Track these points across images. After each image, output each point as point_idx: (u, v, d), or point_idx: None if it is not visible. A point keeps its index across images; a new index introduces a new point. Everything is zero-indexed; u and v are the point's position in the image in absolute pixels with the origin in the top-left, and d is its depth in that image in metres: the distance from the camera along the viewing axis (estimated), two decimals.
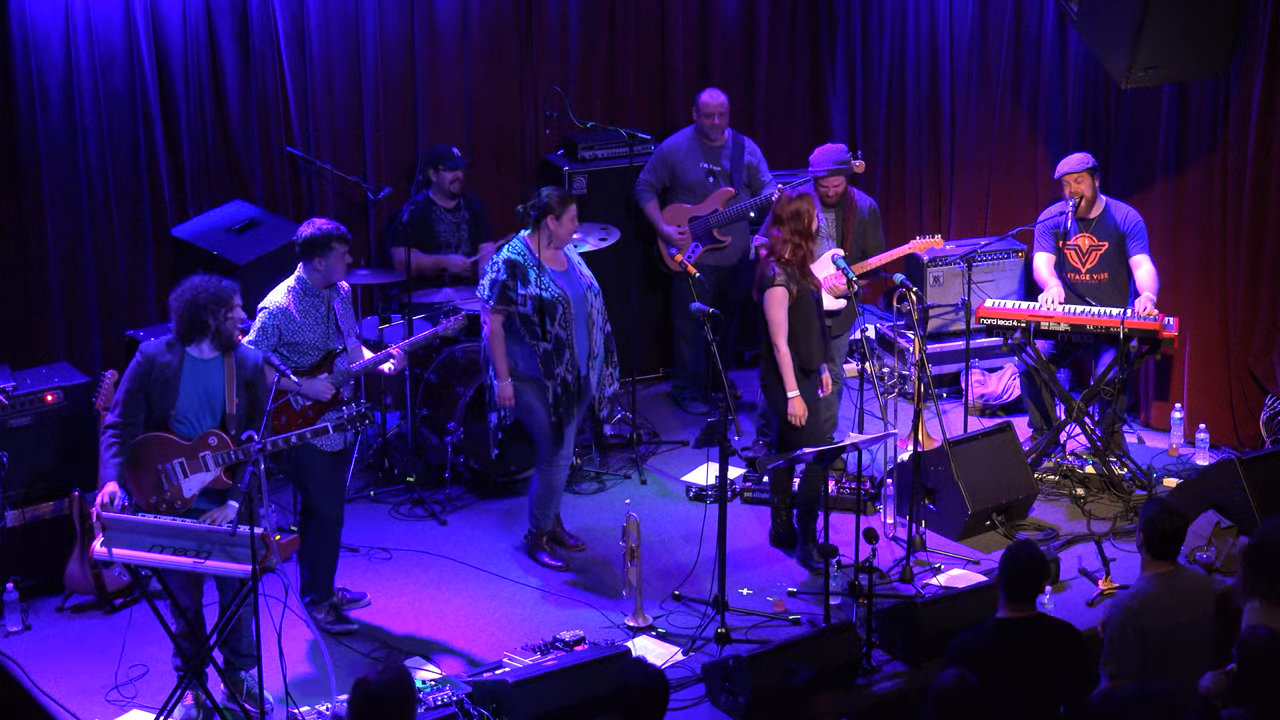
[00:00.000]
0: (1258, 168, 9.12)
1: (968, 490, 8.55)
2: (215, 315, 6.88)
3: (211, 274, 7.04)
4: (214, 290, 6.90)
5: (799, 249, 8.06)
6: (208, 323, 6.87)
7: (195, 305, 6.86)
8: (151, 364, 6.90)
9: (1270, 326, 9.28)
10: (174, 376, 6.88)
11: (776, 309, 8.03)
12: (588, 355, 8.21)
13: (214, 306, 6.87)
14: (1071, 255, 9.26)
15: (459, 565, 8.46)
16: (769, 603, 8.04)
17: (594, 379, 8.27)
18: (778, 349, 8.05)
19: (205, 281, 6.93)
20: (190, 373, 6.91)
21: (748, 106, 10.93)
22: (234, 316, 6.93)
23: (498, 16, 10.27)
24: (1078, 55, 9.92)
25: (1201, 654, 6.34)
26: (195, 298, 6.88)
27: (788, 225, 8.06)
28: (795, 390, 8.06)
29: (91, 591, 7.97)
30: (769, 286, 8.04)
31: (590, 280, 8.30)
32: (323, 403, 7.68)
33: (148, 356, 6.92)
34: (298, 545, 7.85)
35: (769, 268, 8.09)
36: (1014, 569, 6.29)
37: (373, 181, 9.81)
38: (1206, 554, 8.07)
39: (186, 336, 6.92)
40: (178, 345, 6.93)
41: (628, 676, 5.79)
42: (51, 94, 8.96)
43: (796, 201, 8.10)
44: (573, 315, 8.11)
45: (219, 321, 6.89)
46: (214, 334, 6.90)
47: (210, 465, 6.90)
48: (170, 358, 6.91)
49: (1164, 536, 6.40)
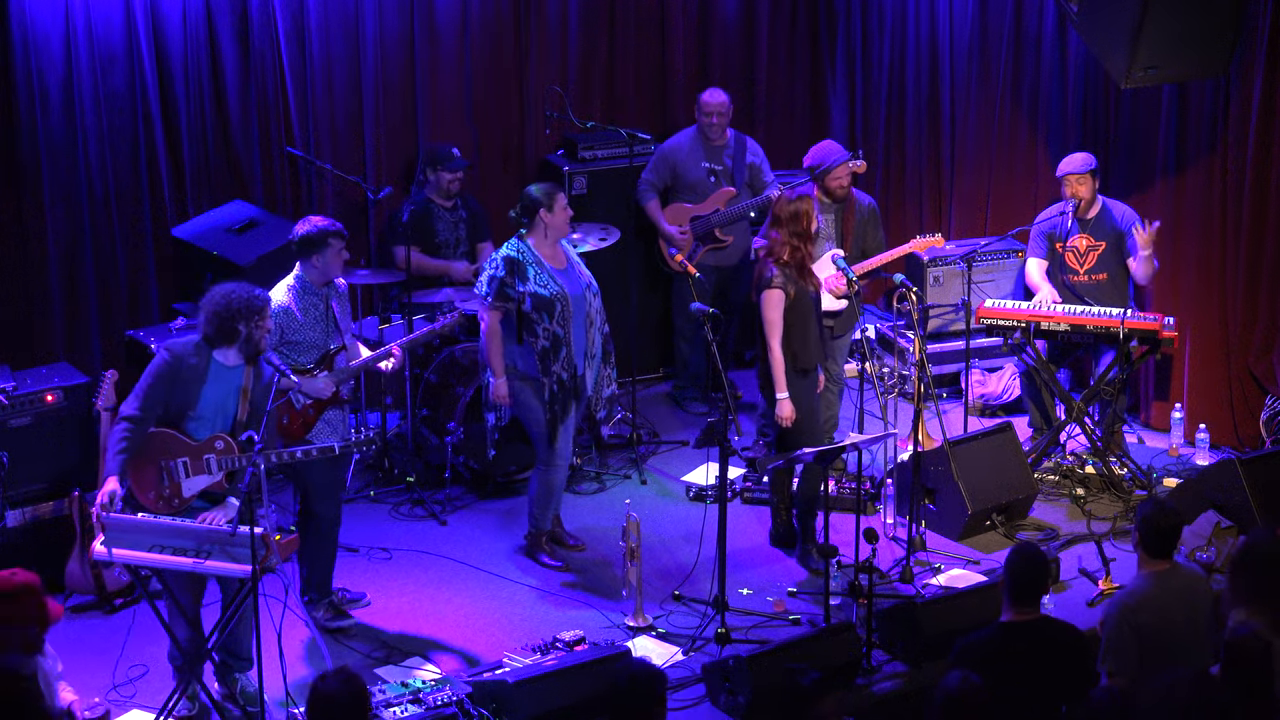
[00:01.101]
0: (1258, 168, 9.12)
1: (968, 490, 8.56)
2: (249, 323, 6.89)
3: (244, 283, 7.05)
4: (248, 298, 6.91)
5: (797, 251, 8.06)
6: (239, 330, 6.88)
7: (230, 312, 6.87)
8: (179, 363, 6.89)
9: (1270, 326, 9.28)
10: (200, 379, 6.90)
11: (772, 310, 8.03)
12: (584, 354, 8.21)
13: (248, 314, 6.88)
14: (1069, 256, 9.26)
15: (459, 565, 8.46)
16: (769, 603, 8.04)
17: (590, 378, 8.26)
18: (771, 350, 8.06)
19: (242, 289, 6.94)
20: (215, 377, 6.92)
21: (748, 106, 10.93)
22: (265, 326, 6.95)
23: (498, 16, 10.28)
24: (1078, 55, 9.92)
25: (1199, 651, 6.34)
26: (230, 304, 6.88)
27: (786, 227, 8.06)
28: (785, 393, 8.06)
29: (91, 591, 7.97)
30: (766, 288, 8.04)
31: (589, 280, 8.30)
32: (323, 401, 7.69)
33: (176, 356, 6.91)
34: (298, 545, 7.85)
35: (767, 269, 8.10)
36: (1018, 572, 6.30)
37: (373, 181, 9.81)
38: (1206, 554, 8.07)
39: (215, 341, 6.91)
40: (205, 348, 6.93)
41: (619, 677, 5.79)
42: (51, 94, 8.96)
43: (796, 203, 8.10)
44: (570, 313, 8.11)
45: (250, 328, 6.90)
46: (244, 341, 6.91)
47: (213, 468, 6.90)
48: (197, 360, 6.91)
49: (1160, 534, 6.40)
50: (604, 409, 8.47)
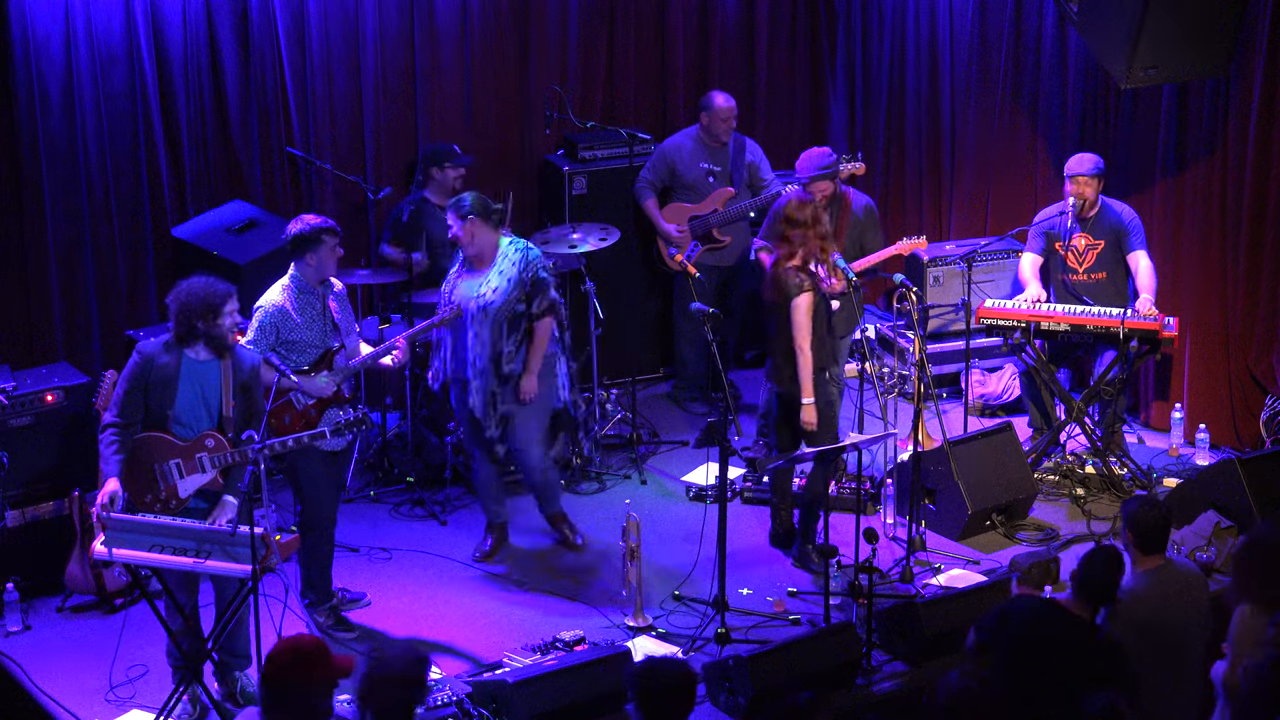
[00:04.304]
0: (1258, 168, 9.12)
1: (968, 490, 8.56)
2: (205, 320, 6.84)
3: (211, 276, 7.01)
4: (204, 295, 6.85)
5: (826, 250, 8.08)
6: (197, 327, 6.85)
7: (188, 310, 6.85)
8: (149, 364, 6.89)
9: (1270, 326, 9.28)
10: (172, 378, 6.87)
11: (805, 315, 8.03)
12: (470, 364, 8.23)
13: (202, 312, 6.83)
14: (1069, 255, 9.26)
15: (459, 565, 8.46)
16: (769, 603, 8.05)
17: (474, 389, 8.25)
18: (801, 353, 8.04)
19: (198, 286, 6.89)
20: (188, 374, 6.90)
21: (748, 106, 10.92)
22: (222, 323, 6.88)
23: (498, 16, 10.28)
24: (1078, 55, 9.92)
25: (1198, 646, 6.35)
26: (188, 301, 6.85)
27: (812, 229, 8.06)
28: (811, 398, 8.06)
29: (91, 591, 7.97)
30: (797, 293, 8.01)
31: (495, 293, 8.22)
32: (325, 400, 7.68)
33: (145, 356, 6.91)
34: (297, 545, 7.85)
35: (792, 275, 8.05)
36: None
37: (372, 181, 9.81)
38: (1206, 554, 8.06)
39: (182, 339, 6.91)
40: (175, 346, 6.92)
41: (645, 677, 5.74)
42: (51, 94, 8.95)
43: (812, 205, 8.12)
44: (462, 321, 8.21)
45: (208, 326, 6.85)
46: (204, 338, 6.88)
47: (206, 467, 6.90)
48: (168, 359, 6.89)
49: (1149, 530, 6.40)
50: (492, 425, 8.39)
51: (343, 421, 7.24)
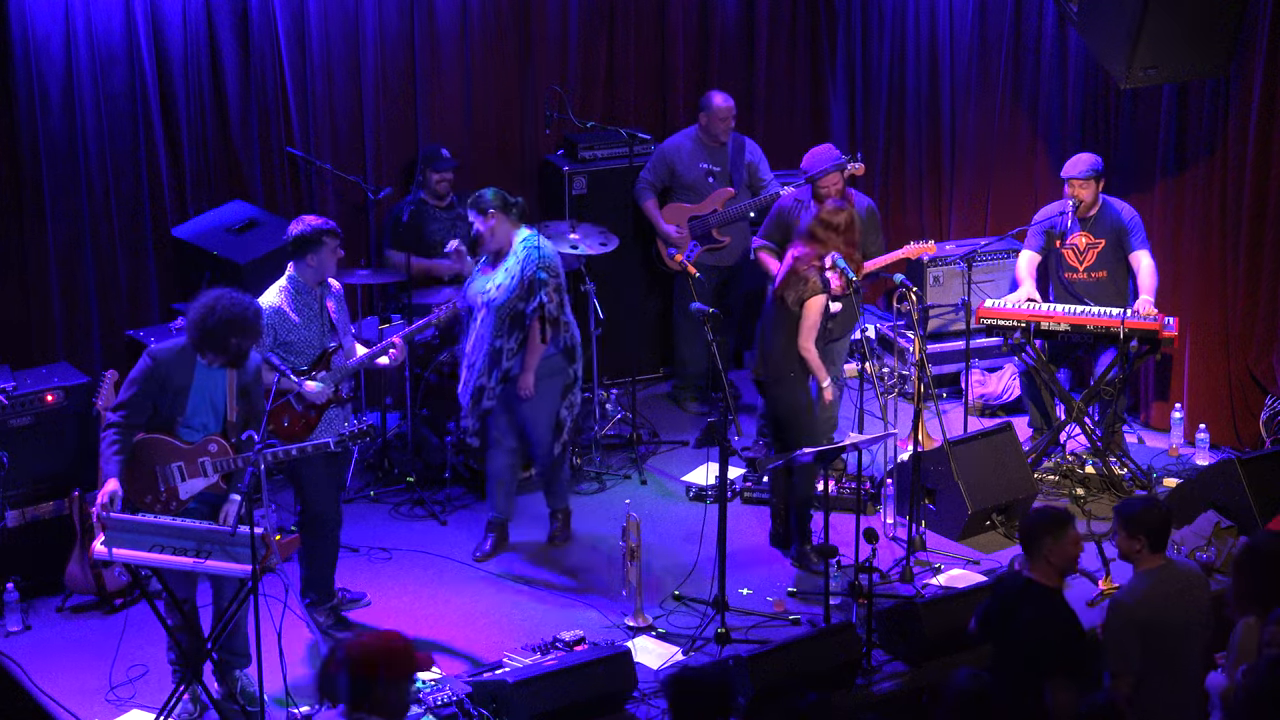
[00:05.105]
0: (1258, 168, 9.12)
1: (968, 490, 8.56)
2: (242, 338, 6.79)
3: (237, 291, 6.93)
4: (241, 313, 6.78)
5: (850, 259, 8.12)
6: (229, 343, 6.78)
7: (223, 325, 6.75)
8: (162, 369, 6.84)
9: (1270, 326, 9.28)
10: (185, 384, 6.85)
11: (817, 315, 8.11)
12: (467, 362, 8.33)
13: (243, 330, 6.77)
14: (1069, 254, 9.26)
15: (459, 565, 8.46)
16: (769, 603, 8.05)
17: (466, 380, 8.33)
18: (806, 349, 8.11)
19: (232, 303, 6.79)
20: (200, 380, 6.89)
21: (747, 106, 10.93)
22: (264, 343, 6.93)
23: (498, 16, 10.28)
24: (1078, 55, 9.92)
25: (1199, 645, 6.34)
26: (222, 317, 6.75)
27: (842, 235, 8.10)
28: (828, 379, 8.22)
29: (91, 591, 7.97)
30: (815, 294, 8.08)
31: (500, 290, 8.25)
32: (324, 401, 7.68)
33: (158, 360, 6.86)
34: (298, 545, 7.85)
35: (814, 274, 8.08)
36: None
37: (372, 181, 9.81)
38: (1206, 554, 8.06)
39: (202, 350, 6.86)
40: (190, 352, 6.90)
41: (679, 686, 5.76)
42: (51, 94, 8.96)
43: (846, 212, 8.15)
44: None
45: (242, 343, 6.80)
46: (235, 354, 6.82)
47: (208, 471, 6.90)
48: (182, 366, 6.86)
49: (1153, 528, 6.39)
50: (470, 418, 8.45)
51: (348, 433, 7.20)
